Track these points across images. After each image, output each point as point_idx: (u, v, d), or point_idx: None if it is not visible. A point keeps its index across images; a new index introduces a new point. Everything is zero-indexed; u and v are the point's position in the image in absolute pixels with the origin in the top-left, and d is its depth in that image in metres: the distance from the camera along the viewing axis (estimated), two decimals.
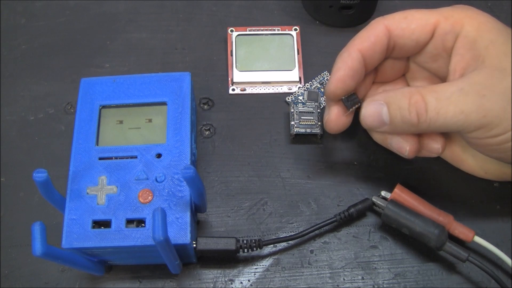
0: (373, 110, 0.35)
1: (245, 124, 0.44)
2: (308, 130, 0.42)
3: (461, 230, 0.37)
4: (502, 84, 0.32)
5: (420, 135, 0.37)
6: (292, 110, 0.42)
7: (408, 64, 0.39)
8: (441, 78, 0.38)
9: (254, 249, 0.37)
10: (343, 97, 0.37)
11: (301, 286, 0.38)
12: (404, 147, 0.36)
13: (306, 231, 0.38)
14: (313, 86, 0.45)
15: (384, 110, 0.35)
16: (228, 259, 0.39)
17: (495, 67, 0.32)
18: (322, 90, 0.45)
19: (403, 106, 0.34)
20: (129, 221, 0.35)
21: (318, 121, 0.42)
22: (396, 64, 0.39)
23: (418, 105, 0.33)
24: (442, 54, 0.36)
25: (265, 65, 0.45)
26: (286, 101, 0.44)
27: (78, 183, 0.36)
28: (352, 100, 0.37)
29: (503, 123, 0.32)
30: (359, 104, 0.37)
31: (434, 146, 0.37)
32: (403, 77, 0.41)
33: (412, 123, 0.34)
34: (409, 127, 0.34)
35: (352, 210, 0.39)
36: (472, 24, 0.34)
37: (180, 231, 0.34)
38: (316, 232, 0.39)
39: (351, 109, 0.37)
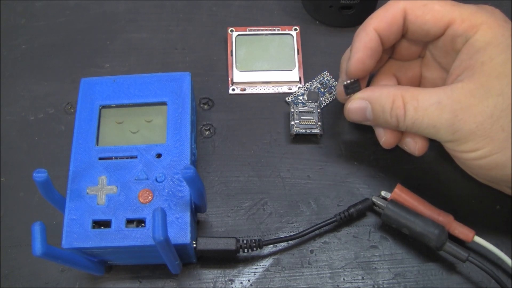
0: (357, 107, 0.37)
1: (245, 124, 0.44)
2: (308, 130, 0.42)
3: (461, 230, 0.37)
4: (480, 105, 0.32)
5: (402, 132, 0.38)
6: (292, 110, 0.42)
7: (425, 50, 0.39)
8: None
9: (254, 249, 0.37)
10: (345, 82, 0.38)
11: (301, 286, 0.38)
12: (381, 137, 0.38)
13: (306, 231, 0.38)
14: (313, 86, 0.45)
15: (368, 108, 0.37)
16: (228, 259, 0.39)
17: (481, 85, 0.32)
18: (322, 90, 0.45)
19: (386, 108, 0.36)
20: (129, 221, 0.35)
21: (318, 121, 0.42)
22: (412, 46, 0.39)
23: (399, 111, 0.35)
24: (451, 52, 0.36)
25: (265, 65, 0.45)
26: (286, 101, 0.44)
27: (78, 183, 0.36)
28: (352, 88, 0.38)
29: (472, 141, 0.32)
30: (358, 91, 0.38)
31: (411, 147, 0.38)
32: (419, 59, 0.40)
33: (392, 125, 0.36)
34: (390, 126, 0.37)
35: (352, 210, 0.39)
36: (485, 33, 0.33)
37: (180, 231, 0.34)
38: (316, 232, 0.39)
39: (348, 96, 0.38)
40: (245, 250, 0.37)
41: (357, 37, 0.37)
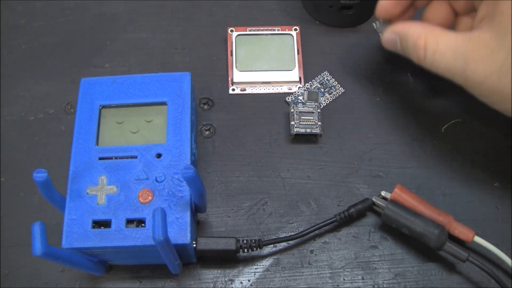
0: (390, 39, 0.40)
1: (245, 124, 0.44)
2: (308, 130, 0.42)
3: (461, 230, 0.37)
4: (491, 57, 0.33)
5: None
6: (292, 110, 0.42)
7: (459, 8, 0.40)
8: None
9: (254, 249, 0.37)
10: (376, 22, 0.41)
11: (301, 286, 0.38)
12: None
13: (306, 231, 0.38)
14: (313, 86, 0.45)
15: (398, 41, 0.39)
16: (228, 259, 0.39)
17: (496, 36, 0.33)
18: (322, 90, 0.45)
19: (409, 45, 0.37)
20: (129, 221, 0.35)
21: (318, 121, 0.42)
22: (443, 6, 0.40)
23: (420, 51, 0.36)
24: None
25: (265, 65, 0.45)
26: (286, 101, 0.44)
27: (78, 183, 0.36)
28: (384, 26, 0.41)
29: (480, 90, 0.34)
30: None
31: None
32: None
33: (415, 60, 0.37)
34: (414, 60, 0.38)
35: (352, 210, 0.39)
36: None
37: (180, 231, 0.34)
38: (316, 232, 0.39)
39: (380, 33, 0.41)
40: (245, 250, 0.37)
41: None
